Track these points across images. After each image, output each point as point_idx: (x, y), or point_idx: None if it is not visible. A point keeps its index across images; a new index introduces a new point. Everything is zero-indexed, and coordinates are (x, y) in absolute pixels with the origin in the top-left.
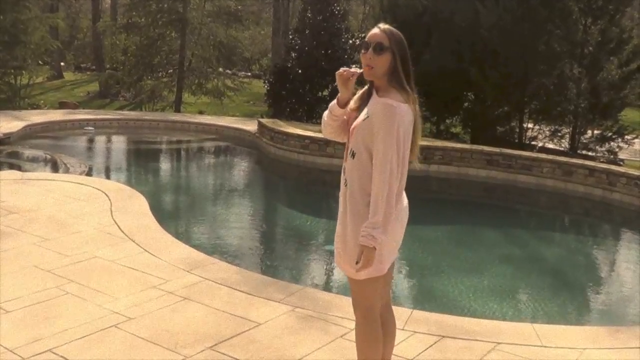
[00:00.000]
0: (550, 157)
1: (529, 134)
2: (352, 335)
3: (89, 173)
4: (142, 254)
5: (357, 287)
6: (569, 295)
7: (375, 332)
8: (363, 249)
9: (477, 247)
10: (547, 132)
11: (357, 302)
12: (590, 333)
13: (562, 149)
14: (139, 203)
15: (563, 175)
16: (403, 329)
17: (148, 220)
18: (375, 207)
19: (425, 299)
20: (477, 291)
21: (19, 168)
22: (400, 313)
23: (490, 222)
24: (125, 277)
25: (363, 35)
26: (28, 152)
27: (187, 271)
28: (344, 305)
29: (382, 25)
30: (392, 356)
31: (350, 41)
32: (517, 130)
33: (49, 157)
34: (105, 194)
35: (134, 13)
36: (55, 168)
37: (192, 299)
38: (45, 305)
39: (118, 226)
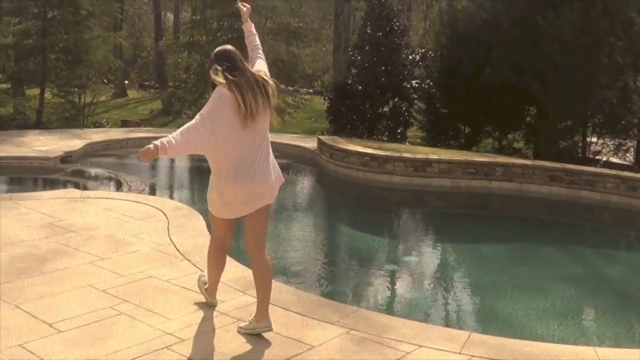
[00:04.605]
0: (614, 172)
1: (593, 148)
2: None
3: (147, 191)
4: (197, 274)
5: (211, 222)
6: (634, 317)
7: (210, 252)
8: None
9: (539, 266)
10: (611, 146)
11: (212, 236)
12: None
13: (627, 163)
14: (197, 222)
15: (627, 190)
16: (460, 353)
17: (205, 240)
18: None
19: (484, 321)
20: (538, 312)
21: (79, 186)
22: (458, 336)
23: (552, 239)
24: (179, 297)
25: (423, 50)
26: (88, 170)
27: (242, 292)
28: (400, 328)
29: None
30: None
31: (410, 57)
32: (581, 144)
33: (108, 175)
34: (163, 212)
35: (195, 31)
36: (114, 186)
37: (246, 320)
38: (98, 325)
39: (174, 245)
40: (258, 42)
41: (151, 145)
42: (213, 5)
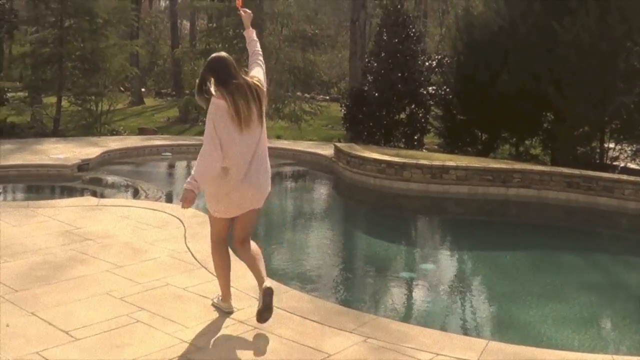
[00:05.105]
0: (632, 178)
1: (610, 154)
2: None
3: (164, 199)
4: (214, 282)
5: (210, 219)
6: None
7: (216, 254)
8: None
9: (557, 273)
10: (629, 152)
11: (210, 231)
12: None
13: None
14: None
15: None
16: None
17: None
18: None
19: (502, 329)
20: (556, 320)
21: (96, 194)
22: (475, 344)
23: (570, 246)
24: (196, 305)
25: (439, 56)
26: (105, 178)
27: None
28: (418, 336)
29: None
30: None
31: (427, 63)
32: (598, 150)
33: (125, 182)
34: (180, 219)
35: (211, 39)
36: (131, 194)
37: (262, 328)
38: (114, 333)
39: (191, 253)
40: (258, 48)
41: (184, 191)
42: (229, 12)
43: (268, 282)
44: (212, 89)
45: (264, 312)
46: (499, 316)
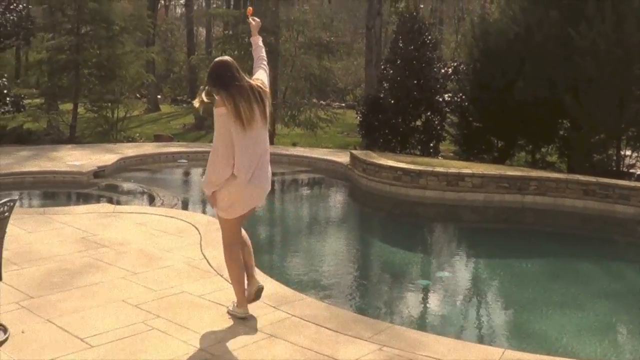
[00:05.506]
0: None
1: (627, 161)
2: None
3: (180, 206)
4: (229, 289)
5: (220, 223)
6: None
7: (229, 257)
8: None
9: (574, 281)
10: None
11: (222, 236)
12: None
13: None
14: None
15: None
16: None
17: None
18: None
19: (519, 337)
20: (573, 328)
21: (112, 201)
22: (492, 353)
23: (587, 254)
24: (211, 312)
25: (455, 63)
26: (121, 185)
27: (274, 307)
28: (434, 345)
29: None
30: None
31: (443, 70)
32: (615, 158)
33: (141, 189)
34: (195, 227)
35: (227, 46)
36: (147, 201)
37: (278, 336)
38: (130, 340)
39: (207, 260)
40: (263, 54)
41: (208, 197)
42: (245, 20)
43: (260, 282)
44: (211, 95)
45: (252, 301)
46: (516, 324)
